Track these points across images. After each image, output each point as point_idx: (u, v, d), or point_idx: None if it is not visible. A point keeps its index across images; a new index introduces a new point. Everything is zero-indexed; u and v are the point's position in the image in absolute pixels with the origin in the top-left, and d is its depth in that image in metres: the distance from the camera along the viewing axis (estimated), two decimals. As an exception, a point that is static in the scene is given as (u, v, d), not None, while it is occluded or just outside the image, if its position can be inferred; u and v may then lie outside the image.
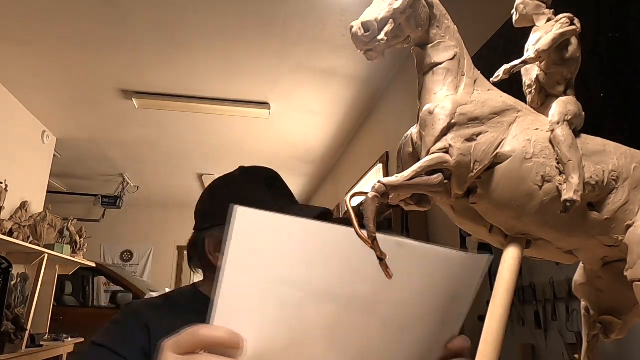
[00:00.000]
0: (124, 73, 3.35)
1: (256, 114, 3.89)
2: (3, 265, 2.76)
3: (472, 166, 0.56)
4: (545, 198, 0.57)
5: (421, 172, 0.55)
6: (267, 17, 2.69)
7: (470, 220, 0.62)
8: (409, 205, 0.62)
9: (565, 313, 1.39)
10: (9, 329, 2.82)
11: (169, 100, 3.67)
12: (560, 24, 0.64)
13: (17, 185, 3.54)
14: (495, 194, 0.57)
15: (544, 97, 0.66)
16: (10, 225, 3.22)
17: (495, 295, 0.56)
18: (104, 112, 4.01)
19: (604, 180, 0.60)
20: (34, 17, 2.69)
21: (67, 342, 3.73)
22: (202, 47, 3.01)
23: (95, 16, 2.67)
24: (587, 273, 0.68)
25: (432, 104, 0.58)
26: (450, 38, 0.62)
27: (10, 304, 2.96)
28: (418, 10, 0.59)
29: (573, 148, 0.58)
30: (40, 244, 3.51)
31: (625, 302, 0.65)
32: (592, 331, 0.68)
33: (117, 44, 2.97)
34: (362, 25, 0.56)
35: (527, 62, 0.64)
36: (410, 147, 0.62)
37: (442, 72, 0.60)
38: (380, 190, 0.54)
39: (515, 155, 0.57)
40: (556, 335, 1.41)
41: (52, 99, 3.78)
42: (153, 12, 2.64)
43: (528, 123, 0.60)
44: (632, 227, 0.59)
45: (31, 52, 3.06)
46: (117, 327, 0.86)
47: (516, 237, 0.60)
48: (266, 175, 0.98)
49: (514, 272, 0.58)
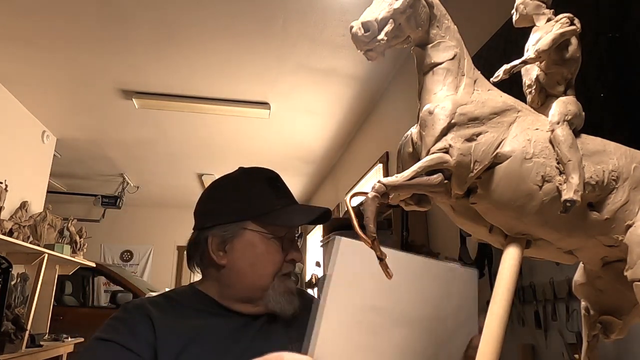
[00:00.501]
0: (124, 73, 3.35)
1: (256, 114, 3.89)
2: (3, 265, 2.75)
3: (472, 166, 0.56)
4: (545, 198, 0.57)
5: (421, 172, 0.55)
6: (267, 18, 2.69)
7: (470, 220, 0.62)
8: (409, 205, 0.62)
9: (565, 313, 1.39)
10: (9, 329, 2.82)
11: (169, 100, 3.67)
12: (560, 24, 0.64)
13: (17, 185, 3.54)
14: (495, 194, 0.57)
15: (544, 97, 0.66)
16: (10, 225, 3.22)
17: (495, 295, 0.56)
18: (103, 112, 4.01)
19: (604, 180, 0.60)
20: (34, 17, 2.69)
21: (67, 342, 3.73)
22: (202, 47, 3.00)
23: (95, 16, 2.67)
24: (587, 273, 0.68)
25: (432, 104, 0.58)
26: (450, 38, 0.62)
27: (10, 304, 2.96)
28: (418, 10, 0.59)
29: (573, 148, 0.58)
30: (40, 244, 3.51)
31: (625, 302, 0.65)
32: (592, 331, 0.68)
33: (117, 44, 2.97)
34: (362, 25, 0.56)
35: (527, 62, 0.64)
36: (410, 147, 0.62)
37: (442, 72, 0.60)
38: (380, 190, 0.54)
39: (515, 155, 0.57)
40: (556, 335, 1.41)
41: (52, 99, 3.78)
42: (153, 12, 2.64)
43: (528, 123, 0.60)
44: (632, 227, 0.59)
45: (31, 52, 3.06)
46: (123, 323, 0.85)
47: (516, 237, 0.60)
48: (267, 176, 0.99)
49: (514, 272, 0.58)
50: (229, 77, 3.39)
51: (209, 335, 0.85)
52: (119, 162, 5.36)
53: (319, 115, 3.99)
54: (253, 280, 0.91)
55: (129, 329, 0.83)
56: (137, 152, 4.98)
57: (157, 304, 0.90)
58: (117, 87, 3.56)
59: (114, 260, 7.19)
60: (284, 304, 0.91)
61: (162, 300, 0.94)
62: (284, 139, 4.53)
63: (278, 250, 0.93)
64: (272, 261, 0.92)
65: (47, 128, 4.31)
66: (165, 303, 0.91)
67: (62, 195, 6.09)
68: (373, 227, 0.54)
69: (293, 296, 0.93)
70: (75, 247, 4.07)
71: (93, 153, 5.02)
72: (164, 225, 7.15)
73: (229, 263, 0.92)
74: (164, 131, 4.40)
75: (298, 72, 3.29)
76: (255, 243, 0.92)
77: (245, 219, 0.92)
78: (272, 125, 4.19)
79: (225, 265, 0.92)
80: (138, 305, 0.89)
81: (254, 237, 0.92)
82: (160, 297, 0.96)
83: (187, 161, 5.11)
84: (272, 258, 0.92)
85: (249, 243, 0.91)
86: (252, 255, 0.92)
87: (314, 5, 2.58)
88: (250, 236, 0.91)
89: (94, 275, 5.43)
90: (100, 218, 6.75)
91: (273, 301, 0.90)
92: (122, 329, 0.84)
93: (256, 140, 4.55)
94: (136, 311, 0.87)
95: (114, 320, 0.87)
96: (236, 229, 0.92)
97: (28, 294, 3.28)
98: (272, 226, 0.92)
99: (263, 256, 0.92)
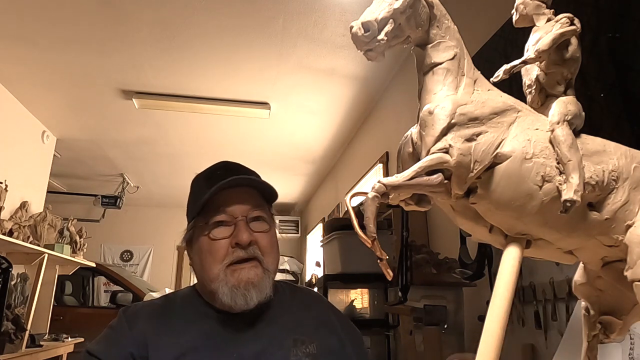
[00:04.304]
0: (124, 73, 3.35)
1: (256, 114, 3.89)
2: (3, 265, 2.75)
3: (472, 166, 0.56)
4: (545, 198, 0.57)
5: (421, 172, 0.55)
6: (267, 18, 2.69)
7: (470, 220, 0.62)
8: (409, 205, 0.62)
9: (565, 313, 1.39)
10: (9, 329, 2.82)
11: (169, 100, 3.67)
12: (560, 24, 0.63)
13: (17, 185, 3.54)
14: (495, 194, 0.57)
15: (544, 97, 0.66)
16: (10, 225, 3.22)
17: (495, 295, 0.56)
18: (103, 112, 4.01)
19: (604, 180, 0.60)
20: (34, 17, 2.69)
21: (67, 342, 3.73)
22: (202, 47, 3.01)
23: (95, 16, 2.67)
24: (587, 273, 0.68)
25: (432, 104, 0.58)
26: (450, 38, 0.62)
27: (10, 304, 2.95)
28: (418, 11, 0.59)
29: (573, 148, 0.58)
30: (40, 244, 3.50)
31: (625, 302, 0.65)
32: (592, 331, 0.68)
33: (117, 44, 2.97)
34: (362, 25, 0.56)
35: (527, 62, 0.64)
36: (410, 147, 0.62)
37: (442, 72, 0.60)
38: (380, 190, 0.54)
39: (515, 155, 0.57)
40: (556, 335, 1.41)
41: (52, 99, 3.78)
42: (153, 12, 2.64)
43: (528, 123, 0.60)
44: (632, 227, 0.59)
45: (31, 52, 3.06)
46: (109, 336, 0.87)
47: (516, 237, 0.60)
48: (211, 169, 0.98)
49: (514, 272, 0.58)
50: (229, 77, 3.39)
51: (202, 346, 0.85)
52: (119, 162, 5.36)
53: (319, 115, 3.99)
54: (202, 275, 0.90)
55: (113, 344, 0.85)
56: (137, 152, 4.98)
57: (154, 310, 0.91)
58: (117, 87, 3.56)
59: (114, 261, 7.19)
60: (235, 298, 0.85)
61: (162, 302, 0.94)
62: (284, 139, 4.53)
63: (223, 238, 0.88)
64: (212, 251, 0.88)
65: (47, 128, 4.31)
66: (163, 307, 0.92)
67: (62, 195, 6.09)
68: (373, 227, 0.54)
69: (250, 288, 0.85)
70: (75, 247, 4.07)
71: (93, 153, 5.02)
72: (164, 225, 7.15)
73: (192, 262, 0.94)
74: (164, 131, 4.40)
75: (298, 72, 3.29)
76: (199, 236, 0.91)
77: (194, 216, 0.93)
78: (272, 125, 4.19)
79: (192, 264, 0.94)
80: (130, 316, 0.89)
81: (198, 231, 0.91)
82: (161, 299, 0.97)
83: (187, 161, 5.11)
84: (213, 248, 0.88)
85: (197, 238, 0.92)
86: (199, 249, 0.91)
87: (314, 5, 2.58)
88: (198, 231, 0.92)
89: (94, 275, 5.43)
90: (100, 218, 6.75)
91: (224, 295, 0.85)
92: (107, 343, 0.86)
93: (256, 140, 4.55)
94: (125, 324, 0.87)
95: (106, 331, 0.89)
96: (190, 229, 0.93)
97: (28, 294, 3.28)
98: (210, 214, 0.89)
99: (206, 248, 0.89)
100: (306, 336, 0.90)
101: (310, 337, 0.90)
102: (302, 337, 0.90)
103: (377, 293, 2.53)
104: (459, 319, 1.83)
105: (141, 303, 0.97)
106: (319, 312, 1.00)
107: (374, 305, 2.55)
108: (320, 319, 0.97)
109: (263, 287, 0.87)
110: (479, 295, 1.80)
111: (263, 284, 0.88)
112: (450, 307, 1.80)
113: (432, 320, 1.70)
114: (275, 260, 0.93)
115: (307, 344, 0.89)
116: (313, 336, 0.91)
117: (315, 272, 5.25)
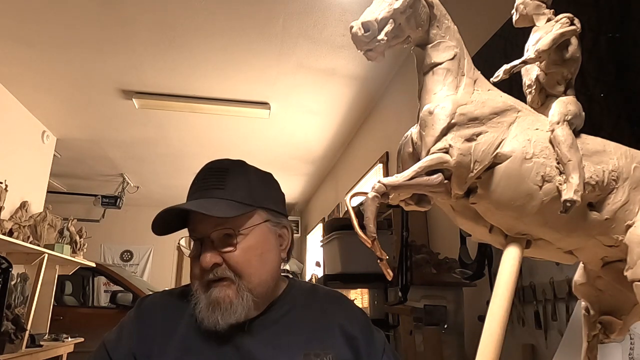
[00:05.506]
0: (124, 73, 3.34)
1: (256, 114, 3.89)
2: (3, 265, 2.75)
3: (472, 166, 0.56)
4: (545, 198, 0.57)
5: (421, 172, 0.55)
6: (267, 18, 2.69)
7: (470, 220, 0.62)
8: (409, 205, 0.62)
9: (565, 313, 1.39)
10: (9, 329, 2.82)
11: (169, 100, 3.67)
12: (560, 24, 0.63)
13: (17, 185, 3.54)
14: (495, 194, 0.57)
15: (544, 97, 0.66)
16: (10, 225, 3.22)
17: (495, 295, 0.56)
18: (104, 112, 4.01)
19: (604, 180, 0.60)
20: (34, 17, 2.69)
21: (67, 342, 3.73)
22: (202, 47, 3.00)
23: (95, 16, 2.67)
24: (587, 273, 0.68)
25: (432, 104, 0.58)
26: (450, 38, 0.62)
27: (10, 304, 2.95)
28: (418, 10, 0.59)
29: (573, 148, 0.58)
30: (40, 244, 3.50)
31: (625, 302, 0.65)
32: (592, 331, 0.68)
33: (117, 44, 2.97)
34: (362, 25, 0.56)
35: (527, 62, 0.64)
36: (410, 147, 0.62)
37: (442, 72, 0.60)
38: (380, 190, 0.54)
39: (515, 155, 0.57)
40: (556, 335, 1.41)
41: (52, 99, 3.78)
42: (153, 12, 2.64)
43: (528, 123, 0.60)
44: (632, 227, 0.59)
45: (31, 52, 3.06)
46: (121, 329, 0.87)
47: (516, 237, 0.60)
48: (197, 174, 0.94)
49: (514, 272, 0.58)
50: (229, 77, 3.39)
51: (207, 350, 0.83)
52: (119, 162, 5.36)
53: (319, 115, 3.99)
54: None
55: (119, 338, 0.85)
56: (137, 152, 4.98)
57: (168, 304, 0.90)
58: (117, 87, 3.56)
59: (114, 260, 7.19)
60: (207, 317, 0.80)
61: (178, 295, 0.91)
62: (284, 139, 4.53)
63: (197, 256, 0.84)
64: (191, 266, 0.86)
65: (47, 128, 4.31)
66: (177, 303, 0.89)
67: (62, 195, 6.09)
68: (373, 227, 0.54)
69: (217, 309, 0.80)
70: (75, 247, 4.07)
71: (93, 153, 5.02)
72: (164, 225, 7.13)
73: None
74: (164, 131, 4.40)
75: (298, 72, 3.29)
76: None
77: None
78: (272, 125, 4.19)
79: None
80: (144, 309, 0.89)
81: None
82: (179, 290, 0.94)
83: (187, 161, 5.11)
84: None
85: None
86: None
87: (314, 5, 2.58)
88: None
89: (94, 275, 5.42)
90: (100, 218, 6.75)
91: (199, 312, 0.81)
92: (116, 335, 0.86)
93: (256, 140, 4.55)
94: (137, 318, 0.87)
95: (122, 322, 0.89)
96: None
97: (28, 294, 3.28)
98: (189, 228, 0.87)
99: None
100: (320, 349, 0.84)
101: (325, 349, 0.84)
102: (315, 350, 0.84)
103: (377, 293, 2.53)
104: (459, 319, 1.83)
105: (159, 293, 0.94)
106: (338, 317, 0.90)
107: (374, 305, 2.55)
108: (338, 326, 0.89)
109: (235, 309, 0.80)
110: (479, 295, 1.80)
111: (235, 306, 0.81)
112: (450, 307, 1.80)
113: (432, 320, 1.70)
114: (256, 276, 0.84)
115: (321, 357, 0.83)
116: (328, 348, 0.85)
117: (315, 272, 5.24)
